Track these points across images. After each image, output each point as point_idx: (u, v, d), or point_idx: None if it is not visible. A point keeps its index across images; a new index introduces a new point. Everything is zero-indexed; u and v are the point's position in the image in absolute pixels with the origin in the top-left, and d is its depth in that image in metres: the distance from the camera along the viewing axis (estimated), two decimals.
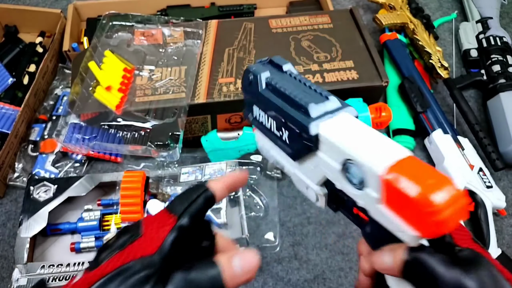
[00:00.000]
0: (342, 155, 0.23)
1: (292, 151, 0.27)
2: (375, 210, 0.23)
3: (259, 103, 0.28)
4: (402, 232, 0.21)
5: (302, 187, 0.29)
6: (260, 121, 0.29)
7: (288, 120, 0.26)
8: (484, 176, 0.62)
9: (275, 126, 0.27)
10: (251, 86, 0.28)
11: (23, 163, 0.61)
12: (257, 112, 0.29)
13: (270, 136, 0.28)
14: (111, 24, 0.65)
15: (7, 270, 0.54)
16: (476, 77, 0.73)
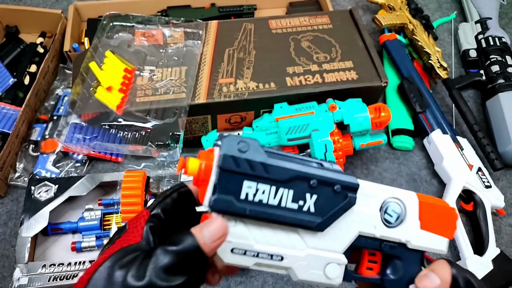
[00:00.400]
0: (383, 197, 0.26)
1: (322, 219, 0.24)
2: (417, 237, 0.27)
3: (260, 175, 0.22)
4: (439, 244, 0.27)
5: (317, 269, 0.25)
6: (255, 201, 0.22)
7: (323, 181, 0.24)
8: (483, 176, 0.62)
9: (291, 198, 0.23)
10: (247, 153, 0.22)
11: (24, 163, 0.61)
12: (251, 189, 0.22)
13: (274, 216, 0.23)
14: (111, 25, 0.66)
15: (8, 269, 0.54)
16: (475, 78, 0.73)
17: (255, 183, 0.22)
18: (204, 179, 0.22)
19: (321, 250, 0.25)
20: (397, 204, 0.26)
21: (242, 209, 0.22)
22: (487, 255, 0.56)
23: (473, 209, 0.60)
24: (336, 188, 0.24)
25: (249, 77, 0.61)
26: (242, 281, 0.54)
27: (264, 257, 0.24)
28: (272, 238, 0.24)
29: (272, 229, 0.24)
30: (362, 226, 0.26)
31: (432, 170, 0.66)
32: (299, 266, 0.24)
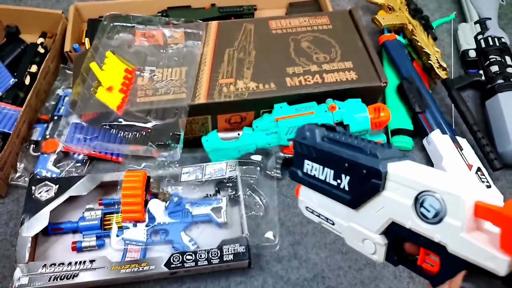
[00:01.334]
0: (417, 188, 0.24)
1: (352, 198, 0.27)
2: (457, 241, 0.23)
3: (313, 156, 0.29)
4: (492, 259, 0.21)
5: (358, 241, 0.28)
6: (311, 174, 0.30)
7: (352, 164, 0.27)
8: (483, 176, 0.62)
9: (332, 176, 0.28)
10: (306, 139, 0.30)
11: (25, 163, 0.62)
12: (309, 166, 0.30)
13: (323, 188, 0.29)
14: (112, 25, 0.66)
15: (8, 269, 0.54)
16: (475, 78, 0.74)
17: (311, 162, 0.30)
18: None
19: (358, 226, 0.28)
20: (435, 199, 0.23)
21: (303, 180, 0.30)
22: None
23: None
24: (363, 171, 0.26)
25: (249, 78, 0.61)
26: (242, 281, 0.54)
27: (323, 218, 0.30)
28: (327, 207, 0.30)
29: (329, 201, 0.29)
30: (392, 213, 0.25)
31: None
32: (345, 234, 0.30)
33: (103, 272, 0.49)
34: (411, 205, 0.24)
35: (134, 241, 0.53)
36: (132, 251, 0.53)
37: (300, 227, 0.59)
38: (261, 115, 0.62)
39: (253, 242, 0.55)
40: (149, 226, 0.54)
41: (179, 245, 0.53)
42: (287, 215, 0.60)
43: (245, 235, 0.53)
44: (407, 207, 0.24)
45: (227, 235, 0.55)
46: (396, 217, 0.25)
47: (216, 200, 0.56)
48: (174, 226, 0.54)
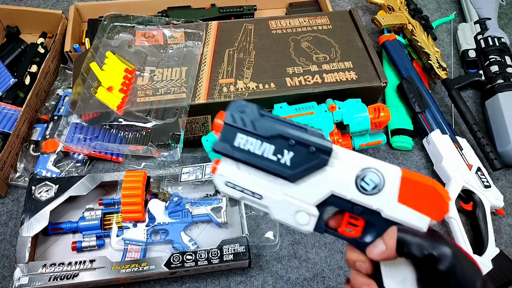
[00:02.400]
0: (360, 165, 0.29)
1: (294, 172, 0.29)
2: (392, 207, 0.28)
3: (251, 131, 0.29)
4: (418, 221, 0.28)
5: (289, 214, 0.30)
6: (245, 149, 0.29)
7: (301, 142, 0.28)
8: (482, 175, 0.62)
9: (272, 151, 0.29)
10: (246, 113, 0.29)
11: (25, 163, 0.62)
12: (243, 140, 0.29)
13: (257, 162, 0.29)
14: (112, 25, 0.66)
15: (8, 269, 0.54)
16: (474, 78, 0.74)
17: (245, 136, 0.29)
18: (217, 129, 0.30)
19: (294, 199, 0.30)
20: (376, 174, 0.28)
21: (233, 153, 0.29)
22: (487, 254, 0.56)
23: (473, 209, 0.60)
24: (310, 149, 0.28)
25: (249, 78, 0.61)
26: (242, 281, 0.54)
27: (248, 193, 0.30)
28: (256, 181, 0.30)
29: (258, 175, 0.30)
30: (334, 187, 0.29)
31: (431, 170, 0.66)
32: (274, 207, 0.30)
33: (103, 272, 0.49)
34: (353, 180, 0.29)
35: (134, 241, 0.53)
36: (132, 251, 0.53)
37: None
38: None
39: (253, 242, 0.55)
40: (149, 226, 0.54)
41: (179, 245, 0.53)
42: None
43: (245, 235, 0.53)
44: (349, 181, 0.29)
45: (227, 235, 0.55)
46: (337, 190, 0.29)
47: (216, 200, 0.56)
48: (174, 226, 0.54)
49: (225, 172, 0.30)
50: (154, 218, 0.54)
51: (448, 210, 0.28)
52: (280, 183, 0.29)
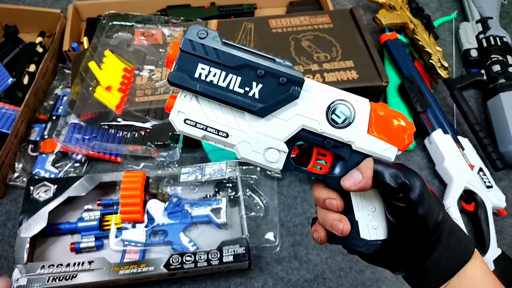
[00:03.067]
0: (331, 98, 0.28)
1: (263, 105, 0.26)
2: (362, 139, 0.28)
3: (214, 60, 0.26)
4: (387, 151, 0.29)
5: (258, 151, 0.28)
6: (207, 80, 0.26)
7: (270, 72, 0.26)
8: (484, 176, 0.62)
9: (239, 83, 0.26)
10: (205, 40, 0.26)
11: (23, 163, 0.61)
12: (204, 70, 0.26)
13: (223, 96, 0.26)
14: (111, 24, 0.65)
15: (7, 270, 0.54)
16: (476, 77, 0.73)
17: (207, 66, 0.26)
18: (170, 61, 0.27)
19: (263, 135, 0.28)
20: (346, 107, 0.28)
21: (193, 85, 0.26)
22: (489, 255, 0.56)
23: (474, 209, 0.60)
24: (281, 80, 0.26)
25: None
26: (242, 282, 0.54)
27: (212, 131, 0.27)
28: (220, 117, 0.27)
29: (222, 111, 0.27)
30: (305, 120, 0.28)
31: (433, 170, 0.66)
32: (242, 145, 0.27)
33: (101, 273, 0.49)
34: (324, 113, 0.28)
35: (133, 242, 0.53)
36: (131, 252, 0.52)
37: (301, 228, 0.59)
38: None
39: (253, 243, 0.54)
40: (148, 227, 0.54)
41: (178, 246, 0.53)
42: (287, 215, 0.60)
43: (245, 236, 0.52)
44: (320, 113, 0.28)
45: (227, 236, 0.55)
46: (308, 123, 0.28)
47: (215, 201, 0.56)
48: (173, 227, 0.54)
49: (184, 108, 0.26)
50: (153, 219, 0.54)
51: (412, 140, 0.29)
52: (247, 118, 0.27)
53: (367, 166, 0.27)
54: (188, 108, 0.27)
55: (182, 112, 0.27)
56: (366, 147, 0.28)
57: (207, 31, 0.26)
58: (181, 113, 0.27)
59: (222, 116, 0.27)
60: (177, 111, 0.27)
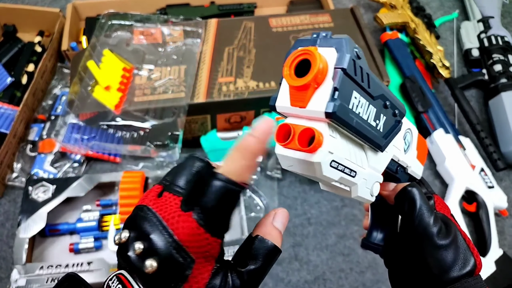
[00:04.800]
0: (406, 127, 0.29)
1: (386, 140, 0.24)
2: (414, 164, 0.31)
3: (365, 87, 0.21)
4: (420, 170, 0.32)
5: (368, 187, 0.26)
6: (357, 112, 0.21)
7: (393, 103, 0.24)
8: (486, 176, 0.62)
9: (374, 115, 0.22)
10: (361, 61, 0.20)
11: (22, 163, 0.61)
12: (356, 100, 0.21)
13: (366, 131, 0.22)
14: (110, 24, 0.65)
15: (5, 270, 0.53)
16: (478, 77, 0.73)
17: (359, 95, 0.21)
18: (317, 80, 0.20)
19: (374, 170, 0.26)
20: (409, 134, 0.30)
21: (351, 119, 0.21)
22: (490, 256, 0.55)
23: (476, 210, 0.60)
24: (396, 111, 0.24)
25: (249, 76, 0.61)
26: None
27: (347, 172, 0.23)
28: (353, 153, 0.23)
29: (353, 145, 0.23)
30: (395, 150, 0.28)
31: (434, 171, 0.65)
32: (361, 182, 0.25)
33: (100, 274, 0.49)
34: (403, 141, 0.29)
35: None
36: None
37: (301, 229, 0.58)
38: (261, 114, 0.62)
39: None
40: None
41: None
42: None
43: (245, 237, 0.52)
44: (401, 142, 0.29)
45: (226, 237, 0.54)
46: (396, 153, 0.28)
47: None
48: None
49: (333, 147, 0.21)
50: None
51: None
52: (367, 153, 0.25)
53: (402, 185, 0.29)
54: (337, 148, 0.21)
55: (331, 153, 0.21)
56: (414, 170, 0.31)
57: (359, 48, 0.21)
58: (330, 154, 0.21)
59: (354, 153, 0.23)
60: (327, 151, 0.21)
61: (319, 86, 0.20)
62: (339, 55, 0.20)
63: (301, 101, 0.20)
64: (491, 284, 0.54)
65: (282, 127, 0.21)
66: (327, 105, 0.19)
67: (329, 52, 0.20)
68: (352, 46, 0.20)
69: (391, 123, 0.24)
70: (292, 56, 0.21)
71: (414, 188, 0.28)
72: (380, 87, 0.23)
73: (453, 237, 0.26)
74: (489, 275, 0.54)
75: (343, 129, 0.21)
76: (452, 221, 0.28)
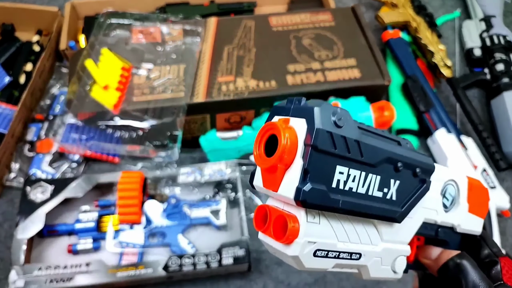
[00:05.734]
0: (444, 179, 0.23)
1: (403, 210, 0.20)
2: (464, 221, 0.25)
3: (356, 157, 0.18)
4: (477, 225, 0.25)
5: (387, 264, 0.22)
6: (346, 189, 0.18)
7: (408, 163, 0.20)
8: (488, 176, 0.61)
9: (378, 185, 0.19)
10: (343, 129, 0.17)
11: (20, 163, 0.60)
12: (343, 175, 0.18)
13: (363, 208, 0.19)
14: (108, 23, 0.64)
15: (4, 271, 0.53)
16: (480, 76, 0.72)
17: (347, 168, 0.18)
18: (284, 161, 0.17)
19: (393, 244, 0.22)
20: (453, 186, 0.24)
21: (335, 202, 0.17)
22: None
23: None
24: (417, 171, 0.20)
25: (249, 76, 0.60)
26: (242, 285, 0.53)
27: (344, 256, 0.20)
28: (352, 234, 0.20)
29: (351, 223, 0.20)
30: (427, 213, 0.23)
31: None
32: (373, 263, 0.21)
33: (99, 275, 0.48)
34: (440, 199, 0.23)
35: (131, 244, 0.52)
36: (129, 254, 0.52)
37: None
38: (261, 114, 0.61)
39: (253, 245, 0.53)
40: (146, 228, 0.53)
41: (177, 248, 0.52)
42: None
43: (245, 238, 0.51)
44: (437, 201, 0.23)
45: (226, 238, 0.54)
46: (428, 215, 0.23)
47: (215, 202, 0.55)
48: (172, 229, 0.53)
49: (314, 234, 0.18)
50: (151, 220, 0.53)
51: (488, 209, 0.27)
52: (379, 227, 0.21)
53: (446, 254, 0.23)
54: (319, 234, 0.18)
55: (312, 242, 0.18)
56: (467, 227, 0.25)
57: (342, 112, 0.17)
58: (310, 244, 0.18)
59: (353, 234, 0.20)
60: (305, 242, 0.18)
61: (289, 167, 0.17)
62: (308, 127, 0.16)
63: (272, 184, 0.18)
64: None
65: (260, 210, 0.19)
66: (295, 192, 0.17)
67: (300, 124, 0.17)
68: (328, 114, 0.17)
69: (411, 186, 0.20)
70: (260, 132, 0.18)
71: (464, 260, 0.22)
72: (382, 150, 0.19)
73: None
74: None
75: (330, 212, 0.18)
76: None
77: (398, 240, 0.22)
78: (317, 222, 0.18)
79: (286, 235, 0.17)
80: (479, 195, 0.26)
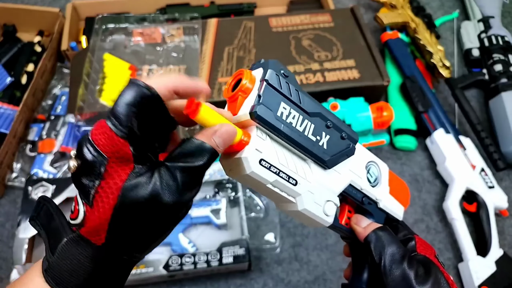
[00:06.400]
0: (367, 158, 0.30)
1: (331, 157, 0.26)
2: (386, 199, 0.31)
3: (294, 101, 0.24)
4: (398, 210, 0.32)
5: (319, 203, 0.27)
6: (287, 121, 0.24)
7: (336, 125, 0.26)
8: (486, 176, 0.62)
9: (312, 130, 0.25)
10: (289, 78, 0.24)
11: (22, 163, 0.61)
12: (286, 110, 0.24)
13: (299, 140, 0.24)
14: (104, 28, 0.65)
15: (5, 271, 0.53)
16: (478, 77, 0.73)
17: (289, 107, 0.24)
18: (244, 91, 0.24)
19: (325, 187, 0.27)
20: (375, 167, 0.31)
21: (278, 124, 0.23)
22: (490, 256, 0.55)
23: (476, 210, 0.60)
24: (343, 134, 0.27)
25: None
26: (242, 284, 0.54)
27: (283, 177, 0.25)
28: (291, 163, 0.25)
29: (291, 154, 0.25)
30: (353, 176, 0.29)
31: (434, 171, 0.65)
32: (307, 195, 0.26)
33: None
34: (365, 171, 0.30)
35: None
36: None
37: (301, 229, 0.58)
38: None
39: (253, 244, 0.54)
40: None
41: (177, 247, 0.52)
42: (287, 216, 0.59)
43: (245, 237, 0.52)
44: (362, 172, 0.30)
45: (226, 237, 0.54)
46: (355, 180, 0.29)
47: (215, 201, 0.55)
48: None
49: (261, 147, 0.23)
50: None
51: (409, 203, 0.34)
52: (312, 168, 0.26)
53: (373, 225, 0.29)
54: (265, 147, 0.24)
55: (259, 151, 0.23)
56: (388, 206, 0.31)
57: (287, 69, 0.25)
58: (257, 152, 0.23)
59: (292, 161, 0.25)
60: (254, 149, 0.23)
61: (247, 96, 0.24)
62: (264, 71, 0.24)
63: (233, 110, 0.24)
64: (491, 284, 0.54)
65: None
66: (250, 108, 0.23)
67: (258, 72, 0.24)
68: (278, 66, 0.24)
69: (339, 144, 0.27)
70: (231, 78, 0.25)
71: (386, 231, 0.28)
72: (317, 107, 0.25)
73: (433, 280, 0.25)
74: (489, 275, 0.54)
75: (274, 135, 0.24)
76: (435, 262, 0.27)
77: (328, 186, 0.27)
78: (264, 139, 0.24)
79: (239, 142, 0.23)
80: (400, 186, 0.32)
